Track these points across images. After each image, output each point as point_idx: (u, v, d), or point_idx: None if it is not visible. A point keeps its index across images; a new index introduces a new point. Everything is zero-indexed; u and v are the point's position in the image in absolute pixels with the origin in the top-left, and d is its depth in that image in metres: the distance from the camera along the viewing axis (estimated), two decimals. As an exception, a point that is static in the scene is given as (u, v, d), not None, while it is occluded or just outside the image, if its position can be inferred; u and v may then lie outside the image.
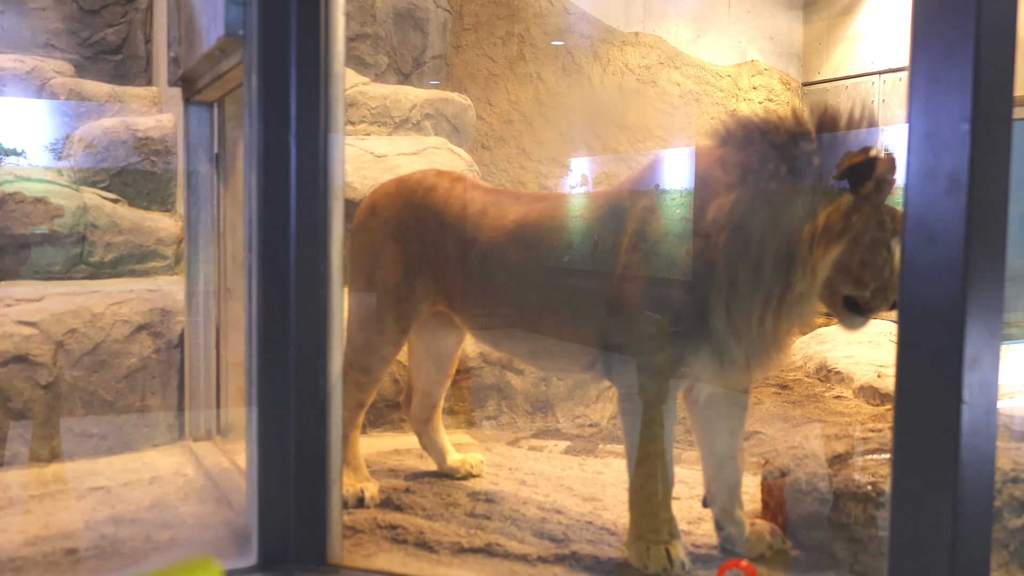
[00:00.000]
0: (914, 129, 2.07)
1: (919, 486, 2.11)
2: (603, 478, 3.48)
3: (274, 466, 2.54)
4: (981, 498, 2.11)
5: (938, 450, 2.08)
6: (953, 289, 2.04)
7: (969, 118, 2.02)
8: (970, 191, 2.02)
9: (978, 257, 2.04)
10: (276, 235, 2.52)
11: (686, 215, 2.64)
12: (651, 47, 7.48)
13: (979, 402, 2.07)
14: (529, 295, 2.94)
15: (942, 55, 2.05)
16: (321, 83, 2.49)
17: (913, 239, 2.08)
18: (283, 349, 2.53)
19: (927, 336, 2.07)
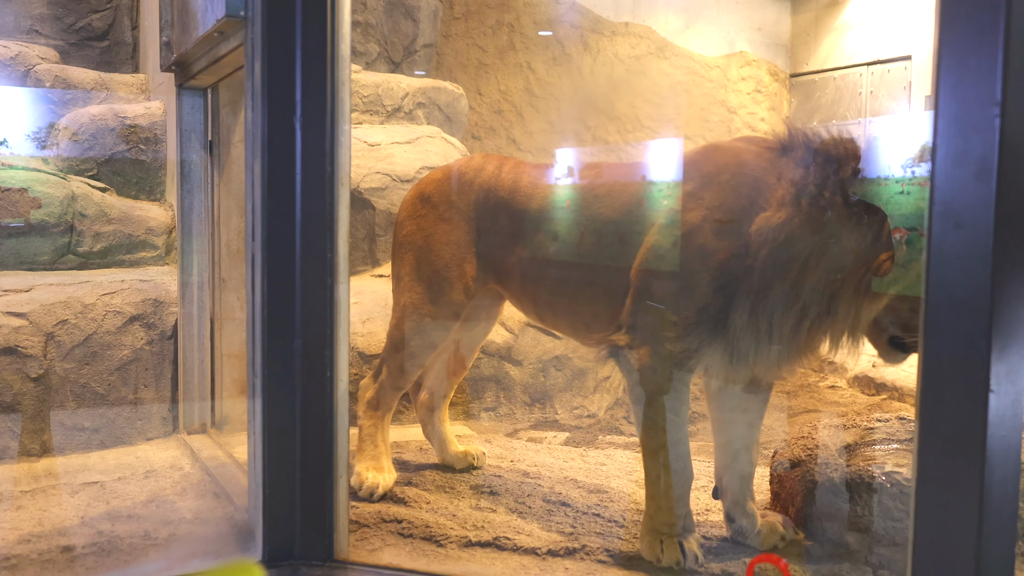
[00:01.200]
0: (942, 113, 2.03)
1: (945, 476, 2.07)
2: (607, 470, 3.44)
3: (279, 460, 2.48)
4: (1008, 488, 2.08)
5: (965, 439, 2.05)
6: (981, 276, 2.01)
7: (999, 101, 1.98)
8: (999, 176, 1.99)
9: (1007, 244, 2.01)
10: (281, 222, 2.45)
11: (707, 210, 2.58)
12: (641, 37, 7.44)
13: (1006, 391, 2.04)
14: (570, 270, 2.89)
15: (971, 38, 2.01)
16: (328, 64, 2.42)
17: (940, 225, 2.04)
18: (288, 340, 2.47)
19: (954, 324, 2.04)
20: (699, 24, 7.85)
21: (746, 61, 8.03)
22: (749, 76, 8.02)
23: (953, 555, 2.07)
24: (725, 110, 7.92)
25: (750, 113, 8.00)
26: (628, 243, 2.71)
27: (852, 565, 2.55)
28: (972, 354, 2.02)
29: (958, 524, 2.06)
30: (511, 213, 3.00)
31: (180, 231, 3.71)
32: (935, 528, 2.09)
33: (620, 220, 2.75)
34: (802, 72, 8.17)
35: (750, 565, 1.98)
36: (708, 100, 7.81)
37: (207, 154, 3.66)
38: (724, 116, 7.91)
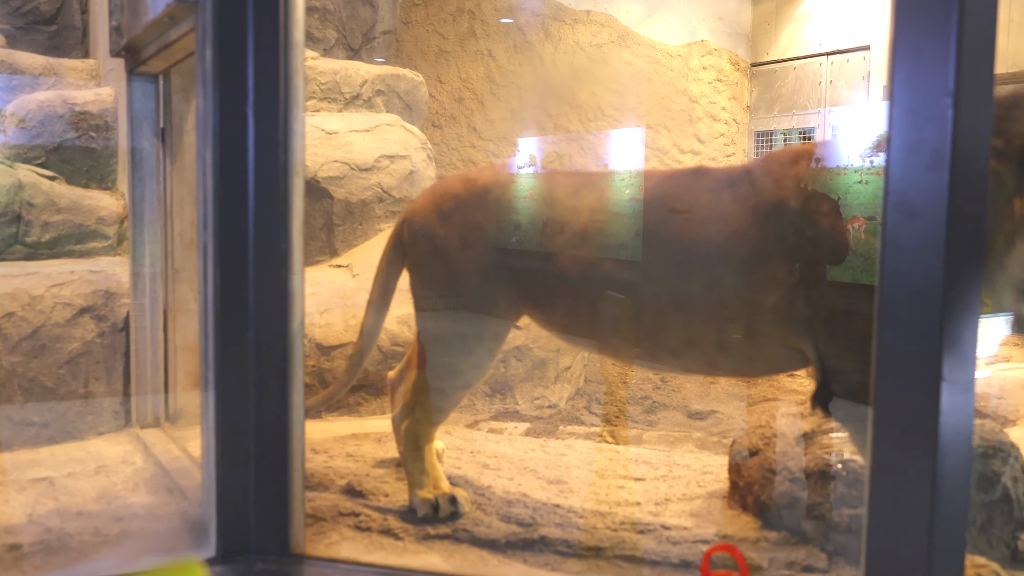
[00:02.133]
0: (897, 104, 2.03)
1: (898, 463, 2.09)
2: (567, 460, 3.43)
3: (233, 453, 2.43)
4: (959, 475, 2.10)
5: (917, 428, 2.06)
6: (934, 266, 2.02)
7: (952, 92, 1.99)
8: (952, 166, 2.00)
9: (960, 234, 2.02)
10: (233, 212, 2.40)
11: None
12: (602, 25, 7.42)
13: (958, 379, 2.05)
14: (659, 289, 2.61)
15: (925, 29, 2.01)
16: (280, 51, 2.37)
17: (895, 216, 2.04)
18: (242, 332, 2.42)
19: (908, 313, 2.05)
20: (660, 13, 7.86)
21: (707, 50, 8.06)
22: (710, 65, 8.05)
23: (906, 541, 2.08)
24: (687, 99, 7.94)
25: (711, 102, 8.03)
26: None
27: (808, 552, 2.57)
28: (925, 343, 2.03)
29: (911, 511, 2.08)
30: (552, 234, 2.76)
31: (132, 221, 3.63)
32: (888, 515, 2.10)
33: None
34: (763, 62, 8.21)
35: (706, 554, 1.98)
36: (670, 89, 7.83)
37: (159, 142, 3.59)
38: (686, 105, 7.93)
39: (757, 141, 8.13)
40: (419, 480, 2.87)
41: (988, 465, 2.60)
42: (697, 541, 2.64)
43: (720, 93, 8.04)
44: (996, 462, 2.61)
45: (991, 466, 2.60)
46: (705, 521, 2.82)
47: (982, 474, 2.60)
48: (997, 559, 2.52)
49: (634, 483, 3.17)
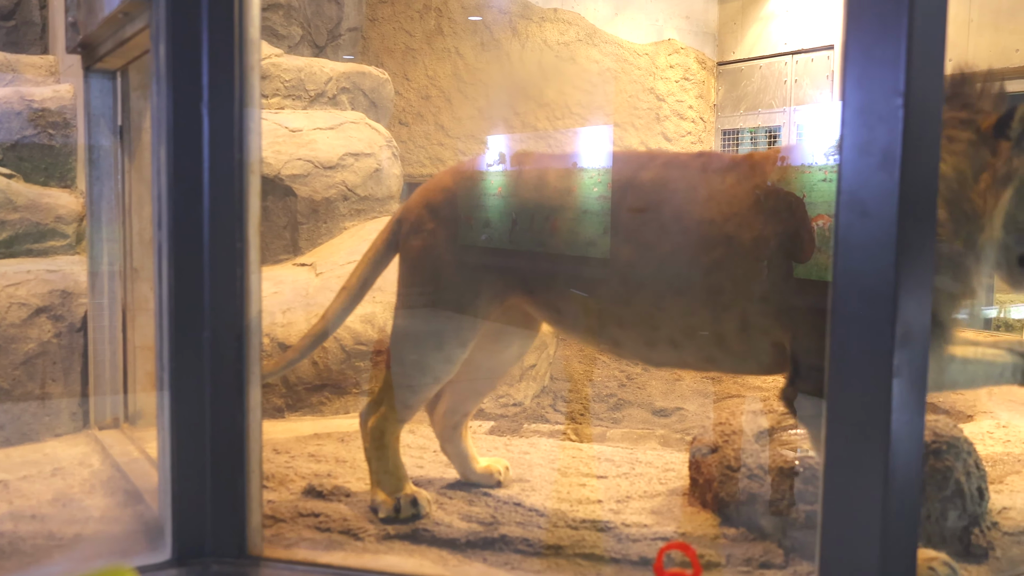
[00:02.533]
0: (848, 103, 2.05)
1: (851, 459, 2.11)
2: (530, 458, 3.44)
3: (189, 454, 2.41)
4: (911, 471, 2.12)
5: (870, 424, 2.08)
6: (886, 264, 2.04)
7: (903, 92, 2.01)
8: (903, 165, 2.02)
9: (910, 232, 2.04)
10: (188, 211, 2.38)
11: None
12: (569, 23, 7.43)
13: (910, 375, 2.08)
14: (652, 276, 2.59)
15: (876, 28, 2.03)
16: (236, 48, 2.35)
17: (847, 214, 2.06)
18: (197, 331, 2.40)
19: (860, 311, 2.07)
20: (628, 11, 7.88)
21: (674, 49, 8.09)
22: (677, 64, 8.08)
23: (858, 536, 2.11)
24: (654, 97, 7.97)
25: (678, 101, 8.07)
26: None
27: (766, 549, 2.59)
28: (877, 340, 2.06)
29: (863, 505, 2.10)
30: (543, 218, 2.73)
31: (90, 219, 3.59)
32: (842, 510, 2.12)
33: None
34: (729, 60, 8.26)
35: (660, 552, 1.99)
36: (637, 87, 7.85)
37: (117, 139, 3.55)
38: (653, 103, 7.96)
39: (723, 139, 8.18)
40: (382, 479, 2.85)
41: (941, 460, 2.64)
42: (657, 539, 2.65)
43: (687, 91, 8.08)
44: (949, 457, 2.64)
45: (944, 461, 2.63)
46: (665, 518, 2.83)
47: (935, 469, 2.63)
48: (950, 553, 2.56)
49: (596, 481, 3.18)
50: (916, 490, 2.15)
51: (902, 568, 2.14)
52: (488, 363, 3.05)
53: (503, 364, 3.10)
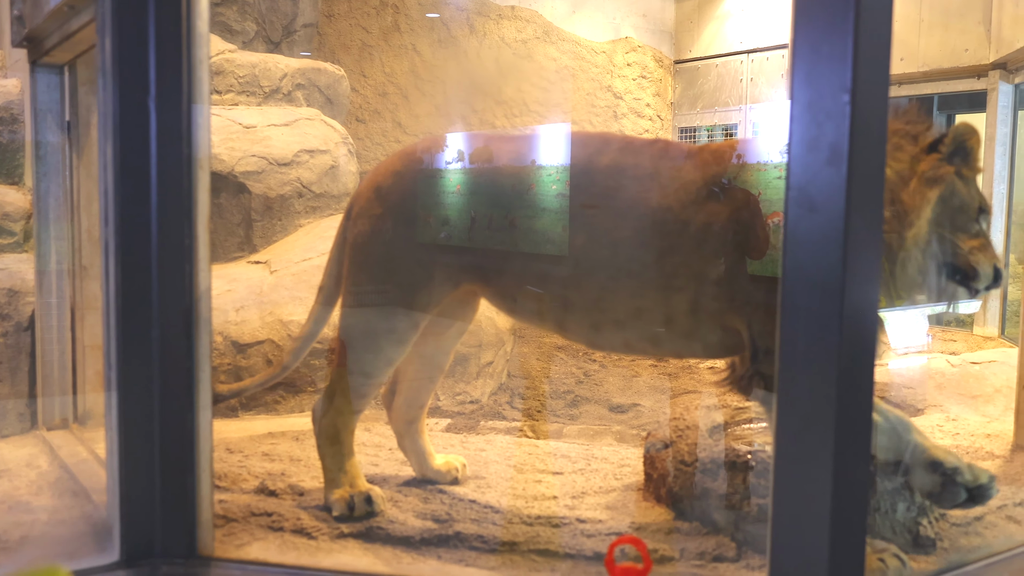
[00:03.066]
0: (797, 100, 2.07)
1: (801, 452, 2.13)
2: (486, 455, 3.43)
3: (137, 454, 2.38)
4: (860, 463, 2.15)
5: (819, 416, 2.11)
6: (834, 259, 2.06)
7: (849, 88, 2.03)
8: (850, 161, 2.04)
9: (858, 227, 2.07)
10: (135, 207, 2.34)
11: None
12: (527, 21, 7.43)
13: (858, 368, 2.10)
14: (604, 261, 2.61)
15: (823, 26, 2.05)
16: (184, 42, 2.32)
17: (795, 210, 2.08)
18: (145, 330, 2.36)
19: (808, 305, 2.09)
20: (585, 9, 7.90)
21: (631, 47, 8.12)
22: (635, 62, 8.12)
23: (808, 528, 2.13)
24: (611, 95, 8.00)
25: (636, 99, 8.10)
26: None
27: (719, 542, 2.61)
28: (825, 333, 2.08)
29: (813, 498, 2.12)
30: (494, 203, 2.74)
31: (37, 217, 3.52)
32: (792, 502, 2.14)
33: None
34: (686, 59, 8.31)
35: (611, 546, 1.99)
36: (594, 85, 7.88)
37: (65, 135, 3.49)
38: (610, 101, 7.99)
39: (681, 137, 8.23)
40: (335, 478, 2.83)
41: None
42: (611, 533, 2.66)
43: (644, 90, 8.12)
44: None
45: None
46: (620, 513, 2.84)
47: (885, 461, 2.66)
48: (899, 544, 2.59)
49: (552, 477, 3.19)
50: (865, 482, 2.18)
51: (851, 559, 2.17)
52: (430, 349, 3.05)
53: (444, 349, 3.09)
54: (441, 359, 3.09)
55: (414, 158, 2.87)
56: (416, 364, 3.05)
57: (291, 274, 4.26)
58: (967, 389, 4.35)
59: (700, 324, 2.57)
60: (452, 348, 3.10)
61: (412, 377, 3.08)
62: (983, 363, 4.51)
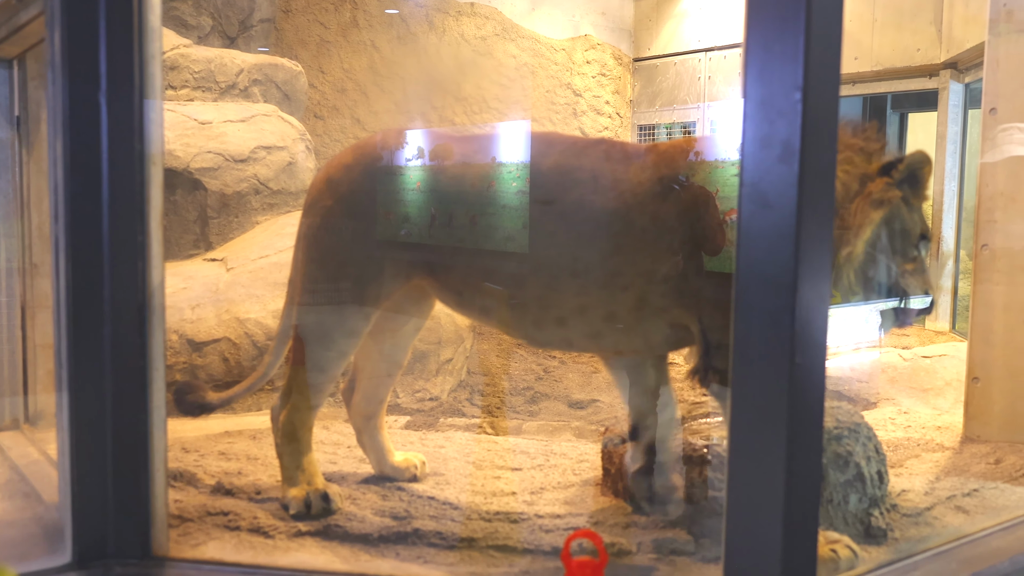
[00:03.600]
0: (749, 97, 2.09)
1: (754, 445, 2.16)
2: (445, 452, 3.43)
3: (89, 454, 2.34)
4: (811, 455, 2.18)
5: (771, 411, 2.13)
6: (786, 254, 2.09)
7: (801, 86, 2.06)
8: (802, 158, 2.07)
9: (810, 223, 2.10)
10: (86, 204, 2.31)
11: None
12: (487, 18, 7.43)
13: (810, 362, 2.14)
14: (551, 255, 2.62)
15: (775, 24, 2.08)
16: (135, 36, 2.29)
17: (749, 206, 2.11)
18: (97, 328, 2.33)
19: (762, 300, 2.12)
20: (544, 7, 7.91)
21: (591, 44, 8.15)
22: (594, 59, 8.15)
23: (762, 519, 2.16)
24: (571, 93, 8.02)
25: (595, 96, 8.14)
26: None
27: (676, 535, 2.63)
28: (777, 328, 2.11)
29: (766, 490, 2.15)
30: (444, 198, 2.75)
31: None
32: (746, 495, 2.17)
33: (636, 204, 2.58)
34: (644, 57, 8.36)
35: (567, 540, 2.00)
36: (554, 83, 7.89)
37: (14, 131, 3.42)
38: (570, 99, 8.01)
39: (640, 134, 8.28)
40: (293, 476, 2.81)
41: (843, 445, 2.72)
42: (569, 528, 2.67)
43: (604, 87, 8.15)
44: (849, 442, 2.72)
45: (845, 446, 2.71)
46: (578, 508, 2.86)
47: (837, 454, 2.71)
48: (851, 535, 2.64)
49: (511, 473, 3.20)
50: (817, 475, 2.22)
51: (803, 550, 2.20)
52: (387, 346, 3.05)
53: (402, 345, 3.08)
54: (399, 355, 3.08)
55: (365, 152, 2.87)
56: (374, 360, 3.05)
57: (248, 271, 4.23)
58: (918, 383, 4.43)
59: (644, 322, 2.60)
60: (410, 344, 3.10)
61: (370, 374, 3.07)
62: (934, 357, 4.60)
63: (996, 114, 3.66)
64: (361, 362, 3.07)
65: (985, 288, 3.64)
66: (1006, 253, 3.61)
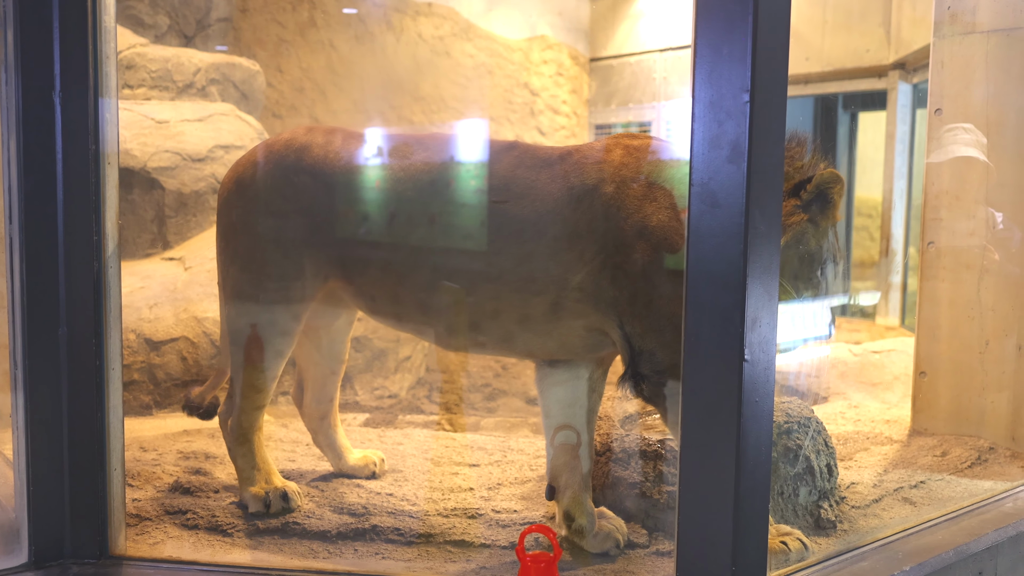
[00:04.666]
0: (699, 99, 2.15)
1: (705, 440, 2.21)
2: (403, 449, 3.46)
3: (45, 455, 2.34)
4: (761, 450, 2.24)
5: (721, 406, 2.19)
6: (735, 253, 2.15)
7: (749, 88, 2.11)
8: (750, 158, 2.13)
9: (758, 222, 2.15)
10: (40, 204, 2.31)
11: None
12: (444, 18, 7.44)
13: (759, 359, 2.20)
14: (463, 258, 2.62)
15: (723, 27, 2.13)
16: (89, 35, 2.29)
17: (698, 205, 2.16)
18: (52, 328, 2.33)
19: (712, 298, 2.17)
20: (501, 7, 7.94)
21: (547, 45, 8.20)
22: (551, 59, 8.19)
23: (713, 513, 2.21)
24: (528, 92, 8.06)
25: (552, 96, 8.19)
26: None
27: (630, 529, 2.68)
28: (727, 326, 2.16)
29: (717, 484, 2.21)
30: (352, 198, 2.71)
31: (-63, 213, 3.42)
32: (697, 488, 2.22)
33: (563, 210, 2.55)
34: (601, 56, 8.42)
35: (521, 535, 2.04)
36: (511, 82, 7.93)
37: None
38: (527, 98, 8.05)
39: (596, 133, 8.35)
40: (249, 476, 2.82)
41: (792, 439, 2.78)
42: (525, 523, 2.71)
43: (560, 87, 8.21)
44: (799, 436, 2.79)
45: (795, 440, 2.78)
46: (535, 503, 2.90)
47: (787, 447, 2.78)
48: (801, 527, 2.71)
49: (468, 469, 3.23)
50: (767, 469, 2.28)
51: (754, 542, 2.26)
52: (324, 342, 3.03)
53: (339, 339, 3.05)
54: (338, 349, 3.07)
55: (274, 150, 2.81)
56: (316, 359, 3.05)
57: (206, 270, 4.21)
58: (867, 377, 4.54)
59: (559, 328, 2.58)
60: (347, 337, 3.08)
61: (314, 374, 3.07)
62: (883, 352, 4.71)
63: (941, 114, 3.75)
64: (303, 363, 3.07)
65: (931, 285, 3.74)
66: (951, 251, 3.71)
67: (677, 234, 2.44)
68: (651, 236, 2.47)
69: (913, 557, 2.61)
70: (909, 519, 2.89)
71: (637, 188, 2.51)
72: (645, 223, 2.48)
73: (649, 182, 2.52)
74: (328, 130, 2.83)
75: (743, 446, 2.20)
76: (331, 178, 2.71)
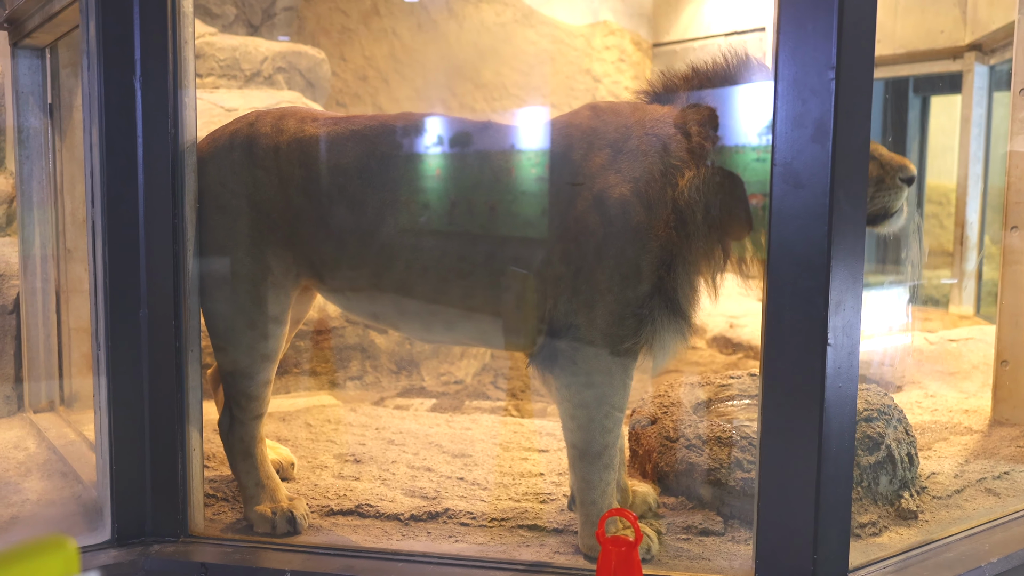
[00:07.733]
0: (782, 76, 2.10)
1: (786, 426, 2.17)
2: (471, 434, 3.46)
3: (127, 435, 2.38)
4: (844, 437, 2.19)
5: (804, 391, 2.14)
6: (819, 235, 2.10)
7: (834, 65, 2.06)
8: (835, 137, 2.07)
9: (842, 203, 2.10)
10: (122, 187, 2.34)
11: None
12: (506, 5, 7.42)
13: (843, 344, 2.14)
14: (428, 253, 2.47)
15: (808, 3, 2.08)
16: (169, 21, 2.31)
17: (781, 186, 2.11)
18: (133, 310, 2.37)
19: (794, 281, 2.12)
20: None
21: (610, 30, 8.13)
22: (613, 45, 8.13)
23: (794, 501, 2.17)
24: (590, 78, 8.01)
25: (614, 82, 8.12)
26: (532, 223, 2.42)
27: (705, 516, 2.64)
28: (811, 309, 2.11)
29: (799, 472, 2.16)
30: (309, 189, 2.51)
31: (20, 201, 3.50)
32: (778, 476, 2.18)
33: (514, 194, 2.42)
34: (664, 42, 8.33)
35: (601, 519, 2.02)
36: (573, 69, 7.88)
37: (47, 118, 3.46)
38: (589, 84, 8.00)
39: (660, 120, 8.25)
40: (254, 494, 2.61)
41: (873, 427, 2.72)
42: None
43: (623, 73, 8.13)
44: (880, 424, 2.72)
45: (876, 427, 2.72)
46: (607, 489, 2.87)
47: (868, 436, 2.71)
48: (882, 516, 2.64)
49: (538, 455, 3.22)
50: (850, 457, 2.22)
51: (836, 531, 2.21)
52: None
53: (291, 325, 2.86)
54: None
55: (218, 145, 2.58)
56: None
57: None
58: (945, 366, 4.42)
59: (528, 315, 2.46)
60: (295, 328, 2.94)
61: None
62: (960, 340, 4.58)
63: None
64: (273, 374, 2.80)
65: (1014, 271, 3.62)
66: (1034, 235, 3.59)
67: (637, 211, 2.31)
68: (608, 209, 2.33)
69: (1000, 548, 2.53)
70: (994, 510, 2.80)
71: (602, 156, 2.38)
72: (605, 194, 2.35)
73: (616, 149, 2.37)
74: (278, 115, 2.61)
75: (826, 432, 2.15)
76: (285, 171, 2.52)
